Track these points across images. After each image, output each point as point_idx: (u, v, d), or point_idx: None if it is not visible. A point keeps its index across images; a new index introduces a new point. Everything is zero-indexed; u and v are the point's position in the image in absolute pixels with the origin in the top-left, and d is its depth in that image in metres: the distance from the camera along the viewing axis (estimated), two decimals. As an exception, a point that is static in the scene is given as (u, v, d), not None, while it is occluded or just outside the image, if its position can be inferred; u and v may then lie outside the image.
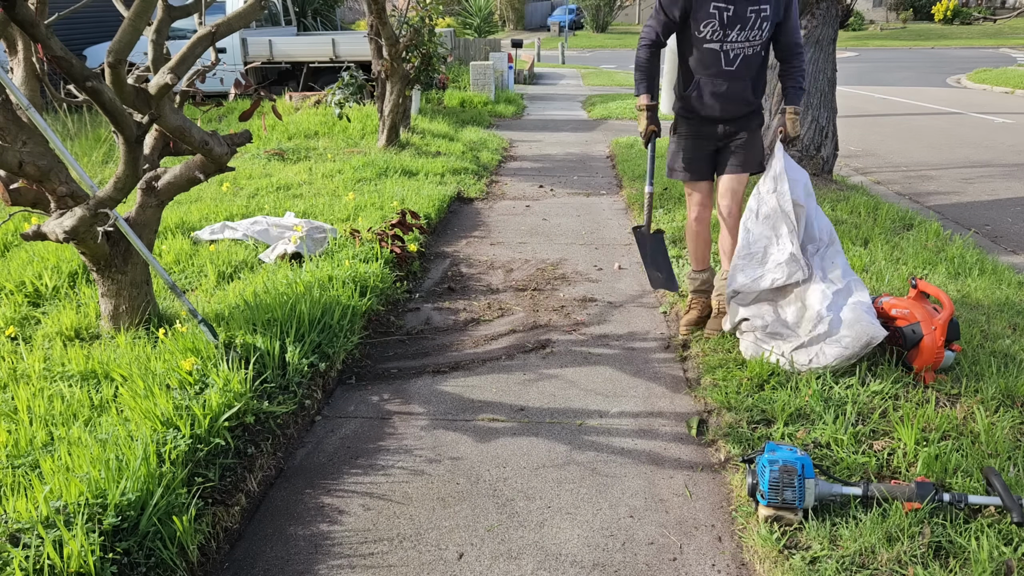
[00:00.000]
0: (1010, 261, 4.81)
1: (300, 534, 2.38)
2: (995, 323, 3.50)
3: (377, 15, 7.74)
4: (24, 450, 2.42)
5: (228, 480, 2.50)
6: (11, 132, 2.96)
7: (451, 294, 4.41)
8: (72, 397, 2.77)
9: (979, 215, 6.29)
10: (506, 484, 2.63)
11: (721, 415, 2.93)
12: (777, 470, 2.23)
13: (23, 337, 3.44)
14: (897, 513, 2.20)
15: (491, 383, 3.36)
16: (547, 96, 15.48)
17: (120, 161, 2.84)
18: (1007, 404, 2.81)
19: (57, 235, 2.94)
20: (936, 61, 22.14)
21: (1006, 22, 31.56)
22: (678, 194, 6.25)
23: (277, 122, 9.07)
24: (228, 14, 3.02)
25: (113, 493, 2.11)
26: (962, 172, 8.02)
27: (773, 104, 6.55)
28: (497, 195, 6.97)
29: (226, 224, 4.98)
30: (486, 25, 23.39)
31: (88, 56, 12.20)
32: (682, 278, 4.11)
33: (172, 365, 2.86)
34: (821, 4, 6.20)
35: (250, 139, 3.30)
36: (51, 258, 4.32)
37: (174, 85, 2.69)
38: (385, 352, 3.69)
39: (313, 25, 17.46)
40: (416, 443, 2.89)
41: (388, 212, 5.48)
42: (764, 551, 2.19)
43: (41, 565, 1.89)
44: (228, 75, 11.09)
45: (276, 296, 3.53)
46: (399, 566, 2.24)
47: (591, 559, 2.26)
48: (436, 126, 9.79)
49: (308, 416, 3.07)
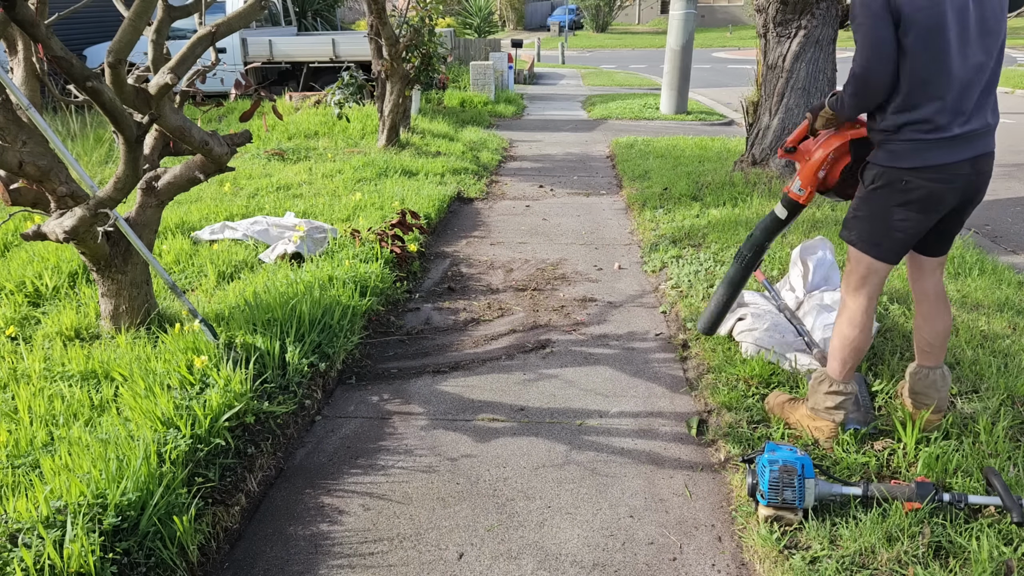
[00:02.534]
0: (1010, 261, 4.81)
1: (300, 534, 2.38)
2: (995, 323, 3.50)
3: (377, 15, 7.74)
4: (24, 450, 2.42)
5: (228, 480, 2.50)
6: (11, 132, 2.96)
7: (451, 294, 4.41)
8: (72, 397, 2.77)
9: (979, 215, 6.29)
10: (506, 484, 2.63)
11: (721, 415, 2.93)
12: (777, 470, 2.23)
13: (23, 337, 3.43)
14: (897, 513, 2.20)
15: (491, 383, 3.36)
16: (547, 96, 15.48)
17: (120, 161, 2.84)
18: (1007, 404, 2.81)
19: (57, 235, 2.94)
20: (936, 61, 22.12)
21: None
22: (677, 194, 6.26)
23: (277, 122, 9.07)
24: (228, 14, 3.02)
25: (113, 493, 2.11)
26: (962, 172, 8.02)
27: (773, 104, 6.55)
28: (497, 195, 6.97)
29: (226, 224, 4.98)
30: (486, 25, 23.39)
31: (88, 56, 12.20)
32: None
33: (174, 365, 2.86)
34: (821, 4, 6.20)
35: (250, 139, 3.30)
36: (51, 258, 4.32)
37: (174, 85, 2.69)
38: (385, 352, 3.69)
39: (313, 25, 17.46)
40: (416, 443, 2.89)
41: (388, 212, 5.48)
42: (764, 551, 2.19)
43: (41, 565, 1.89)
44: (228, 75, 11.09)
45: (276, 296, 3.53)
46: (399, 566, 2.24)
47: (591, 559, 2.26)
48: (436, 126, 9.78)
49: (308, 416, 3.07)
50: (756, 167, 6.72)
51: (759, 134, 6.75)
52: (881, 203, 2.42)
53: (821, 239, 3.79)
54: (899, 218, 2.39)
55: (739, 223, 5.17)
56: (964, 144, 2.31)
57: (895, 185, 2.37)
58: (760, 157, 6.70)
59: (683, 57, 11.51)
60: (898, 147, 2.35)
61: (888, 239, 2.44)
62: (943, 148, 2.30)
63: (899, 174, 2.35)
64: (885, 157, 2.39)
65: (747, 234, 4.85)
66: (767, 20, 6.49)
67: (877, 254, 2.47)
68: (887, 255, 2.47)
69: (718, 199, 5.92)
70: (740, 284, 3.07)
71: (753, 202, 5.71)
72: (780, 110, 6.48)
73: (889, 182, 2.38)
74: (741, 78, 16.69)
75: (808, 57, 6.28)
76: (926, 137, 2.30)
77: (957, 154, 2.31)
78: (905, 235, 2.43)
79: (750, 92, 7.11)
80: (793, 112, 6.43)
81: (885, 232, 2.44)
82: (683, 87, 11.82)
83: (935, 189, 2.34)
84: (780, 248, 4.57)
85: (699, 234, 5.07)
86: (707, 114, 12.16)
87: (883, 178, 2.39)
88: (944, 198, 2.36)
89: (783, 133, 6.54)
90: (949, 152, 2.31)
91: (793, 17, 6.29)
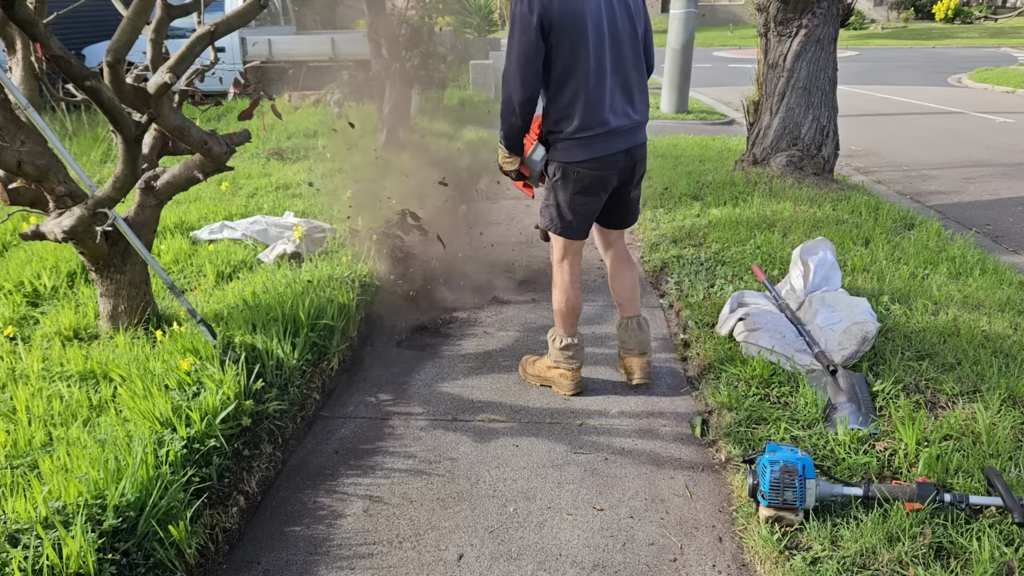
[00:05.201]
0: (1011, 261, 4.80)
1: (299, 534, 2.38)
2: (996, 323, 3.49)
3: (376, 14, 7.73)
4: (23, 450, 2.41)
5: (227, 480, 2.49)
6: (10, 131, 2.96)
7: (451, 293, 4.40)
8: (71, 397, 2.76)
9: (980, 215, 6.28)
10: (506, 484, 2.62)
11: (722, 415, 2.92)
12: (778, 470, 2.22)
13: (22, 337, 3.43)
14: (898, 513, 2.19)
15: (491, 383, 3.35)
16: (547, 95, 15.45)
17: (119, 160, 2.83)
18: (1008, 404, 2.80)
19: (56, 235, 2.93)
20: (937, 60, 22.12)
21: (1007, 21, 31.55)
22: (678, 193, 6.25)
23: (276, 121, 9.06)
24: (227, 13, 3.01)
25: (112, 494, 2.10)
26: (963, 171, 8.00)
27: (774, 104, 6.54)
28: (497, 195, 6.95)
29: (225, 224, 4.98)
30: (486, 24, 23.36)
31: (87, 55, 12.19)
32: None
33: (172, 365, 2.85)
34: (822, 3, 6.19)
35: (249, 138, 3.29)
36: (50, 258, 4.31)
37: (173, 84, 2.68)
38: (385, 352, 3.69)
39: (313, 25, 17.41)
40: (415, 443, 2.88)
41: (388, 212, 5.47)
42: (765, 552, 2.18)
43: (40, 566, 1.89)
44: (227, 74, 11.07)
45: (275, 296, 3.52)
46: (398, 567, 2.23)
47: (591, 560, 2.25)
48: (436, 125, 9.77)
49: (307, 416, 3.07)
50: (757, 166, 6.71)
51: (760, 133, 6.74)
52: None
53: (822, 239, 3.79)
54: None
55: (740, 222, 5.16)
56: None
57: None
58: (761, 156, 6.69)
59: (684, 56, 11.49)
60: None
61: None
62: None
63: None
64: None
65: (747, 233, 4.86)
66: (768, 19, 6.48)
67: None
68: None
69: (719, 198, 5.91)
70: None
71: (754, 201, 5.70)
72: (781, 109, 6.47)
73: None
74: (742, 77, 16.68)
75: (809, 56, 6.27)
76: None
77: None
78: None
79: (751, 91, 7.10)
80: (794, 111, 6.42)
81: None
82: (683, 86, 11.80)
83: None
84: (781, 248, 4.56)
85: (700, 233, 5.06)
86: (708, 113, 12.15)
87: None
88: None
89: (784, 132, 6.53)
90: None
91: (794, 16, 6.28)
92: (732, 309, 3.58)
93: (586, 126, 2.81)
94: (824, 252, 3.67)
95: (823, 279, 3.63)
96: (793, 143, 6.51)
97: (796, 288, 3.66)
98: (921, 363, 3.11)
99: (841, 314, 3.25)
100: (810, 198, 5.79)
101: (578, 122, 2.81)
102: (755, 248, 4.61)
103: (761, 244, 4.67)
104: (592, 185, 2.92)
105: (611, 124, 2.84)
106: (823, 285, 3.61)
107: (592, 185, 2.92)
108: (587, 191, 2.94)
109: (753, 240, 4.76)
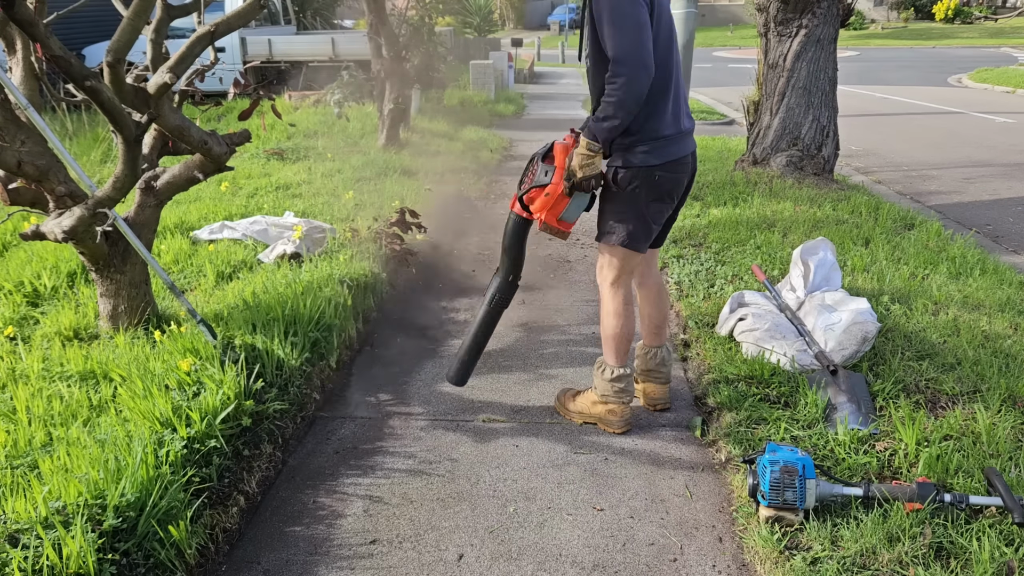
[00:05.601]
0: (1011, 261, 4.80)
1: (299, 534, 2.38)
2: (996, 323, 3.49)
3: (376, 14, 7.73)
4: (23, 450, 2.41)
5: (227, 481, 2.49)
6: (10, 131, 2.95)
7: (451, 293, 4.40)
8: (71, 397, 2.76)
9: (980, 215, 6.29)
10: (506, 484, 2.62)
11: (722, 415, 2.92)
12: (778, 470, 2.22)
13: (22, 337, 3.43)
14: (898, 514, 2.19)
15: (491, 383, 3.35)
16: (547, 95, 15.47)
17: (119, 161, 2.83)
18: (1008, 404, 2.80)
19: (56, 235, 2.93)
20: (937, 60, 22.12)
21: (1007, 21, 31.55)
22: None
23: (276, 121, 9.06)
24: (227, 13, 3.01)
25: (112, 494, 2.10)
26: (963, 172, 8.01)
27: (774, 104, 6.54)
28: (497, 194, 6.96)
29: (225, 224, 4.97)
30: (486, 24, 23.35)
31: (87, 55, 12.19)
32: None
33: (172, 365, 2.85)
34: (822, 3, 6.19)
35: (249, 138, 3.29)
36: (50, 258, 4.31)
37: (173, 84, 2.68)
38: (385, 352, 3.69)
39: (312, 24, 17.44)
40: (415, 443, 2.88)
41: (388, 211, 5.47)
42: (765, 552, 2.18)
43: (40, 566, 1.88)
44: (227, 74, 11.08)
45: (275, 296, 3.52)
46: (398, 567, 2.23)
47: (591, 560, 2.25)
48: (436, 125, 9.77)
49: (307, 416, 3.07)
50: (757, 166, 6.71)
51: (760, 133, 6.74)
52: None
53: (822, 240, 3.79)
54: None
55: (740, 223, 5.16)
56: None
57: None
58: (761, 156, 6.69)
59: (683, 56, 11.48)
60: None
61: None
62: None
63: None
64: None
65: (747, 234, 4.86)
66: (768, 19, 6.48)
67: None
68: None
69: (719, 198, 5.91)
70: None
71: (754, 202, 5.70)
72: (781, 109, 6.47)
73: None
74: (742, 77, 16.68)
75: (809, 56, 6.27)
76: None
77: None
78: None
79: (751, 91, 7.10)
80: (794, 111, 6.42)
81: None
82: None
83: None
84: (781, 248, 4.56)
85: (700, 233, 5.06)
86: (708, 113, 12.15)
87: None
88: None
89: (784, 132, 6.53)
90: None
91: (794, 16, 6.28)
92: (732, 309, 3.58)
93: (670, 126, 2.62)
94: (824, 252, 3.68)
95: (823, 279, 3.63)
96: (793, 143, 6.51)
97: (796, 288, 3.66)
98: (921, 363, 3.11)
99: (841, 314, 3.25)
100: (810, 198, 5.79)
101: (665, 121, 2.60)
102: (755, 248, 4.61)
103: (761, 244, 4.67)
104: (670, 190, 2.70)
105: (684, 125, 2.68)
106: (823, 285, 3.61)
107: (670, 190, 2.70)
108: (665, 197, 2.69)
109: (753, 240, 4.76)
